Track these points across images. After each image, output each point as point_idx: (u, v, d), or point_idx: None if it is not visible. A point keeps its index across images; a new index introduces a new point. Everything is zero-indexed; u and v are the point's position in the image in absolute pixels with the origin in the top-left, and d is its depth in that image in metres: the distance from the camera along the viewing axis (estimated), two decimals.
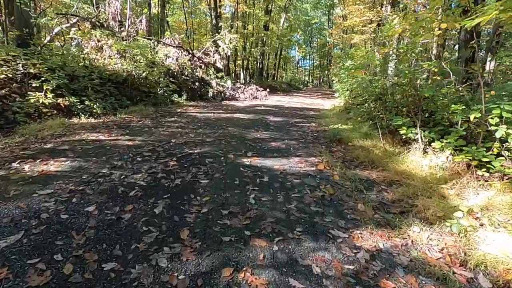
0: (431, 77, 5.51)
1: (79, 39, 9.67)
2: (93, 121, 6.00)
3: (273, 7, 22.36)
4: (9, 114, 5.14)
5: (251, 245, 1.96)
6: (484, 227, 2.19)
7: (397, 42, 14.27)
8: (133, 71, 9.19)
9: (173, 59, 11.46)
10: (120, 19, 10.48)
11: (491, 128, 2.90)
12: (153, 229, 2.07)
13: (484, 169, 2.89)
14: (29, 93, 5.72)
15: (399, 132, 4.79)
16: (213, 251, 1.88)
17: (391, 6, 13.44)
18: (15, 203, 2.31)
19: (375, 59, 4.36)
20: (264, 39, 22.19)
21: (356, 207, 2.67)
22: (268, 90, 14.39)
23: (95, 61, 9.36)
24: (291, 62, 46.34)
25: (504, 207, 2.38)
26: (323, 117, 8.62)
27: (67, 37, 10.34)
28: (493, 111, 2.86)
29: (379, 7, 14.11)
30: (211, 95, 12.72)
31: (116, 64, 9.19)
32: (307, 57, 53.14)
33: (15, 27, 7.33)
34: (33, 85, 5.97)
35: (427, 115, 4.54)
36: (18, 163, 3.19)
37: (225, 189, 2.86)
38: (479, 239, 2.08)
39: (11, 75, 5.81)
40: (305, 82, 44.94)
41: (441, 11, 4.49)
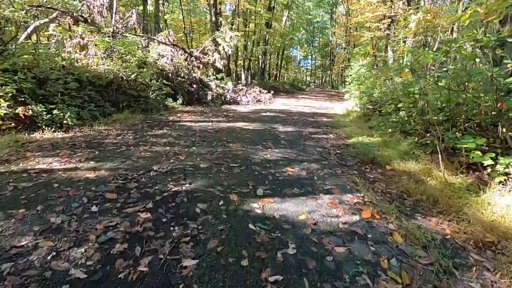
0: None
1: (60, 36, 8.44)
2: (60, 135, 4.76)
3: (275, 3, 21.10)
4: None
5: None
6: None
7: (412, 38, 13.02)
8: (120, 73, 7.96)
9: (168, 58, 10.22)
10: (107, 13, 9.24)
11: None
12: None
13: None
14: None
15: (460, 152, 3.55)
16: None
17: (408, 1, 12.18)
18: None
19: (430, 57, 3.12)
20: (266, 38, 20.93)
21: None
22: (272, 92, 13.15)
23: (77, 61, 8.14)
24: (292, 62, 45.06)
25: None
26: (340, 125, 7.36)
27: (45, 34, 9.13)
28: None
29: (393, 1, 12.86)
30: (210, 98, 11.49)
31: (100, 64, 7.97)
32: (309, 57, 51.93)
33: None
34: None
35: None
36: None
37: (225, 282, 1.62)
38: None
39: None
40: (307, 82, 43.68)
41: None
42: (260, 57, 22.40)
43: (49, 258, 1.72)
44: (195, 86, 10.93)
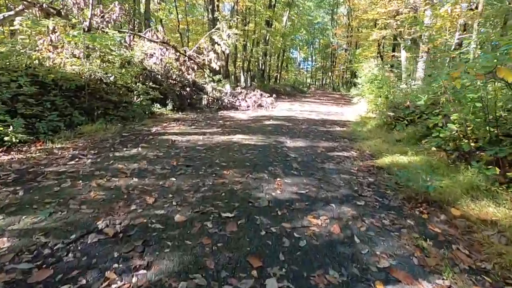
0: None
1: (27, 31, 7.16)
2: None
3: (276, 1, 19.87)
4: None
5: None
6: None
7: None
8: (97, 74, 6.69)
9: (157, 58, 8.94)
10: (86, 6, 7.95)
11: None
12: None
13: None
14: None
15: None
16: None
17: None
18: None
19: None
20: (266, 37, 19.68)
21: None
22: (274, 95, 11.88)
23: (50, 61, 6.88)
24: (292, 63, 43.85)
25: None
26: (359, 137, 6.08)
27: (7, 28, 7.87)
28: None
29: None
30: (205, 103, 10.20)
31: (75, 64, 6.71)
32: (309, 59, 50.76)
33: None
34: None
35: None
36: None
37: None
38: None
39: None
40: (308, 84, 42.46)
41: None
42: (260, 58, 21.15)
43: None
44: (188, 89, 9.65)
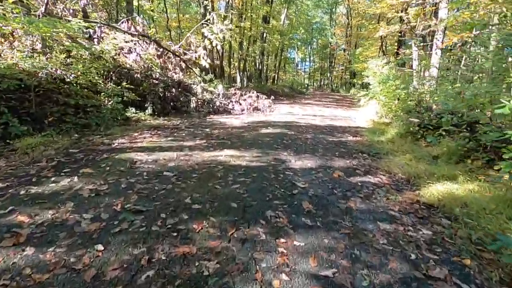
0: None
1: None
2: None
3: None
4: None
5: None
6: None
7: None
8: (52, 70, 5.35)
9: (136, 54, 7.59)
10: None
11: None
12: None
13: None
14: None
15: None
16: None
17: None
18: None
19: None
20: (264, 35, 18.34)
21: None
22: (272, 97, 10.55)
23: None
24: (290, 64, 42.61)
25: None
26: (380, 150, 4.75)
27: None
28: None
29: None
30: (193, 106, 8.85)
31: (23, 59, 5.36)
32: (307, 59, 49.59)
33: None
34: None
35: None
36: None
37: None
38: None
39: None
40: (306, 85, 41.18)
41: None
42: (257, 57, 19.83)
43: None
44: (174, 90, 8.30)
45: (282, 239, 1.97)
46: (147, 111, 7.12)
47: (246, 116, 8.30)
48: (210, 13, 9.41)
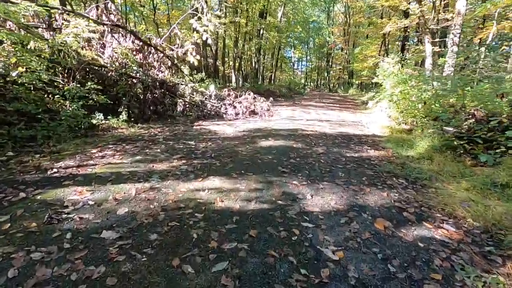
0: None
1: None
2: None
3: None
4: None
5: None
6: None
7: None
8: None
9: (110, 47, 6.28)
10: None
11: None
12: None
13: None
14: None
15: None
16: None
17: None
18: None
19: None
20: (260, 31, 17.05)
21: None
22: (271, 99, 9.29)
23: None
24: (287, 63, 41.39)
25: None
26: (419, 173, 3.52)
27: None
28: None
29: None
30: (181, 109, 7.57)
31: None
32: (303, 59, 48.47)
33: None
34: None
35: None
36: None
37: None
38: None
39: None
40: (304, 85, 39.98)
41: None
42: (253, 55, 18.55)
43: None
44: (157, 91, 7.00)
45: None
46: (121, 116, 5.82)
47: (241, 121, 7.02)
48: (199, 2, 8.10)
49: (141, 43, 6.88)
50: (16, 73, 4.28)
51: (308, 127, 6.50)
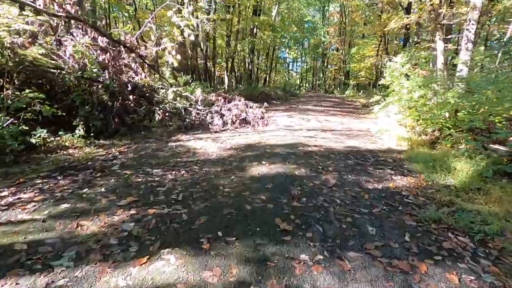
0: None
1: None
2: None
3: None
4: None
5: None
6: None
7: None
8: None
9: (70, 46, 5.02)
10: None
11: None
12: None
13: None
14: None
15: None
16: None
17: None
18: None
19: None
20: (254, 30, 15.84)
21: None
22: (265, 104, 8.09)
23: None
24: (282, 64, 40.26)
25: None
26: (482, 225, 2.37)
27: None
28: None
29: None
30: (160, 117, 6.33)
31: None
32: (298, 59, 47.43)
33: None
34: None
35: None
36: None
37: None
38: None
39: None
40: (299, 86, 38.92)
41: None
42: (246, 56, 17.35)
43: None
44: (131, 97, 5.75)
45: None
46: (77, 131, 4.56)
47: (230, 134, 5.81)
48: None
49: (107, 41, 5.61)
50: None
51: (310, 140, 5.31)
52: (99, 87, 5.10)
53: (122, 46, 5.72)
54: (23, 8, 4.79)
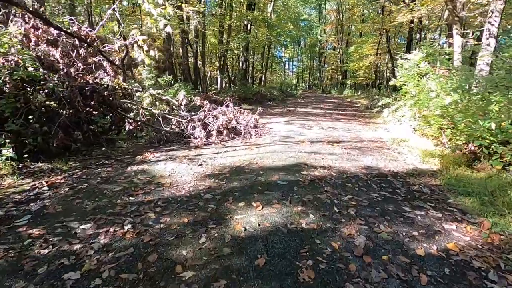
0: None
1: None
2: None
3: None
4: None
5: None
6: None
7: None
8: None
9: None
10: None
11: None
12: None
13: None
14: None
15: None
16: None
17: None
18: None
19: None
20: (247, 25, 14.59)
21: None
22: (259, 109, 6.88)
23: None
24: (278, 63, 38.99)
25: None
26: None
27: None
28: None
29: None
30: (131, 128, 5.09)
31: None
32: (294, 59, 46.23)
33: None
34: None
35: None
36: None
37: None
38: None
39: None
40: (295, 86, 37.68)
41: None
42: (240, 54, 16.11)
43: None
44: (91, 101, 4.51)
45: None
46: (5, 151, 3.31)
47: (213, 150, 4.60)
48: None
49: (57, 33, 4.36)
50: None
51: (315, 157, 4.13)
52: (40, 91, 3.86)
53: (76, 39, 4.46)
54: None
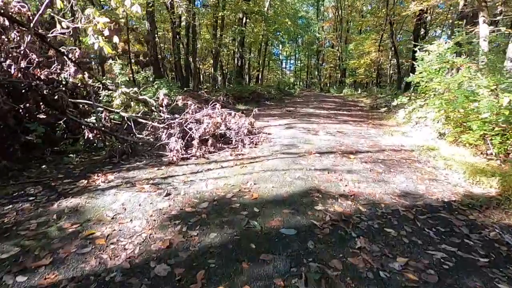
0: None
1: None
2: None
3: None
4: None
5: None
6: None
7: None
8: None
9: None
10: None
11: None
12: None
13: None
14: None
15: None
16: None
17: None
18: None
19: None
20: (243, 18, 13.37)
21: None
22: (255, 111, 5.74)
23: None
24: (275, 61, 37.72)
25: None
26: None
27: None
28: None
29: None
30: (90, 136, 3.90)
31: None
32: (292, 57, 45.00)
33: None
34: None
35: None
36: None
37: None
38: None
39: None
40: (294, 85, 36.46)
41: None
42: (236, 50, 14.90)
43: None
44: (29, 101, 3.33)
45: None
46: None
47: (192, 167, 3.43)
48: None
49: None
50: None
51: (331, 179, 2.99)
52: None
53: (4, 17, 3.26)
54: None
